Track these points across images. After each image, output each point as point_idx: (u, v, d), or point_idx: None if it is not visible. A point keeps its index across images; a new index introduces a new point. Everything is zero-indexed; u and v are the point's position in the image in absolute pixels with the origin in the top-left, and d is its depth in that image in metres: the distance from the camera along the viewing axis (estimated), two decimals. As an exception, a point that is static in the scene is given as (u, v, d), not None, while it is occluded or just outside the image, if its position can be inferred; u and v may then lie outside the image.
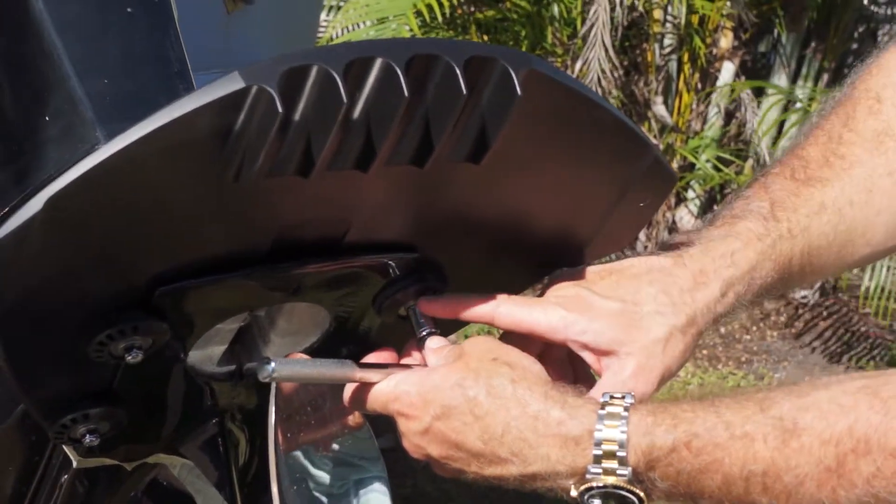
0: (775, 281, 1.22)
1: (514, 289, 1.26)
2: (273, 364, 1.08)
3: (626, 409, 1.05)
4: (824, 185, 1.24)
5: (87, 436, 1.15)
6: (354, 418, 1.22)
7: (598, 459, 1.05)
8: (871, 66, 1.31)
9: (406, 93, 1.02)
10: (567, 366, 1.19)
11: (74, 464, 1.23)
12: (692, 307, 1.17)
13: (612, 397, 1.07)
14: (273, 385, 1.15)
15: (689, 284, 1.17)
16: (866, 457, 0.98)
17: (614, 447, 1.04)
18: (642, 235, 5.04)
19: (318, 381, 1.15)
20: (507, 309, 1.17)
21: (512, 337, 1.18)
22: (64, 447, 1.21)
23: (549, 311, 1.16)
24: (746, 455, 1.02)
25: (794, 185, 1.25)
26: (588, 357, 1.16)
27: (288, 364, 1.11)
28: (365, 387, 1.13)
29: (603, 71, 4.76)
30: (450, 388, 1.09)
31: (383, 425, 1.21)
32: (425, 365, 1.15)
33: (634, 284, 1.17)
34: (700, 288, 1.18)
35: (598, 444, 1.05)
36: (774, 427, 1.01)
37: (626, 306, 1.16)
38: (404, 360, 1.18)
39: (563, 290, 1.18)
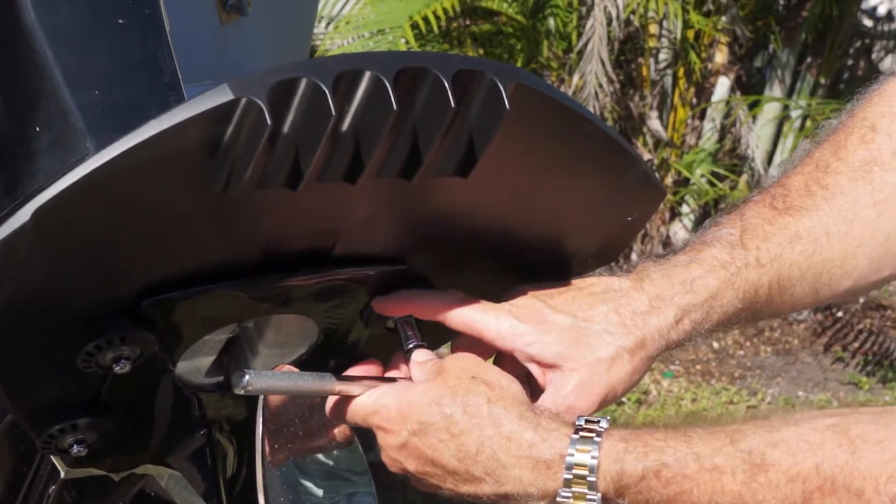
0: (739, 310, 1.20)
1: (502, 301, 1.26)
2: (248, 376, 1.09)
3: (600, 434, 1.06)
4: (802, 215, 1.22)
5: (75, 446, 1.15)
6: (342, 431, 1.22)
7: (568, 483, 1.05)
8: (873, 94, 1.27)
9: (395, 106, 1.02)
10: (526, 383, 1.18)
11: (62, 474, 1.23)
12: (642, 330, 1.16)
13: (587, 421, 1.07)
14: (261, 397, 1.15)
15: (643, 308, 1.17)
16: (832, 496, 0.99)
17: (585, 472, 1.05)
18: (636, 250, 5.05)
19: (295, 393, 1.15)
20: (460, 310, 1.17)
21: (464, 340, 1.18)
22: (52, 457, 1.21)
23: (501, 319, 1.16)
24: (714, 488, 1.02)
25: (770, 214, 1.22)
26: (534, 369, 1.17)
27: (263, 377, 1.11)
28: (346, 399, 1.14)
29: (600, 85, 4.77)
30: (427, 404, 1.09)
31: (373, 439, 1.21)
32: (411, 378, 1.15)
33: (589, 302, 1.17)
34: (654, 312, 1.17)
35: (568, 468, 1.06)
36: (743, 461, 1.02)
37: (576, 322, 1.16)
38: (391, 373, 1.19)
39: (520, 301, 1.18)
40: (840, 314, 5.00)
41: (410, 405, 1.10)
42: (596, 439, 1.05)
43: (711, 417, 4.29)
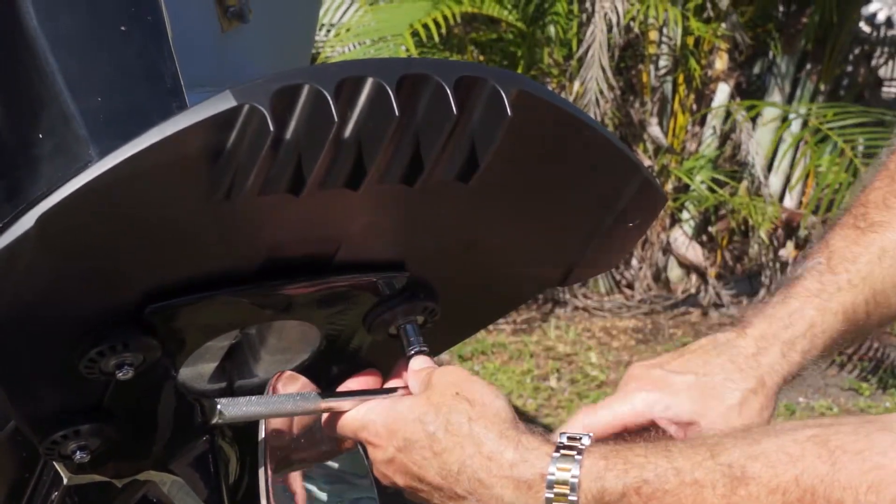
0: (842, 332, 1.26)
1: (504, 307, 1.26)
2: (219, 406, 1.09)
3: (581, 451, 1.06)
4: (885, 229, 1.27)
5: (78, 452, 1.15)
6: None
7: (549, 502, 1.05)
8: None
9: (397, 112, 1.03)
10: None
11: (65, 480, 1.23)
12: (758, 370, 1.22)
13: (569, 438, 1.07)
14: (263, 403, 1.16)
15: (752, 350, 1.23)
16: None
17: (566, 490, 1.05)
18: (636, 256, 5.05)
19: (276, 416, 1.15)
20: (594, 419, 1.21)
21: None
22: (54, 463, 1.21)
23: (631, 399, 1.21)
24: (695, 502, 1.02)
25: (855, 234, 1.28)
26: (675, 431, 1.20)
27: (237, 404, 1.12)
28: (337, 413, 1.14)
29: (601, 91, 4.77)
30: (412, 421, 1.10)
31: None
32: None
33: (703, 358, 1.23)
34: (763, 353, 1.23)
35: (549, 486, 1.06)
36: (723, 475, 1.02)
37: (698, 378, 1.21)
38: (393, 380, 1.19)
39: (636, 373, 1.22)
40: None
41: (396, 421, 1.11)
42: (577, 457, 1.05)
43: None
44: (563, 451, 1.06)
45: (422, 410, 1.11)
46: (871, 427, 1.01)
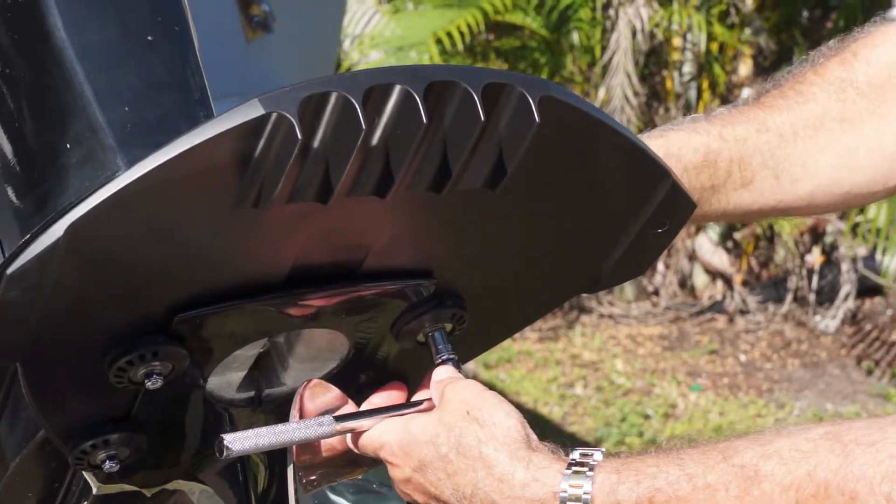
0: (700, 166, 1.26)
1: (532, 314, 1.25)
2: (226, 441, 1.08)
3: (592, 467, 1.05)
4: (772, 111, 1.29)
5: (107, 462, 1.15)
6: None
7: None
8: (862, 33, 1.36)
9: (424, 119, 1.02)
10: None
11: (94, 490, 1.23)
12: None
13: (581, 455, 1.07)
14: (291, 412, 1.15)
15: None
16: (826, 501, 0.98)
17: None
18: (662, 262, 5.04)
19: (286, 445, 1.14)
20: None
21: None
22: (84, 473, 1.21)
23: None
24: None
25: (742, 107, 1.30)
26: None
27: (244, 438, 1.10)
28: (359, 432, 1.14)
29: (626, 98, 4.77)
30: (425, 443, 1.10)
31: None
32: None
33: None
34: None
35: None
36: (736, 475, 1.01)
37: None
38: (424, 389, 1.18)
39: None
40: (868, 327, 4.98)
41: (410, 444, 1.11)
42: (588, 473, 1.05)
43: (740, 430, 4.27)
44: (574, 468, 1.05)
45: (433, 432, 1.10)
46: (885, 421, 1.00)
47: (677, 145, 1.26)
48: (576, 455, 1.07)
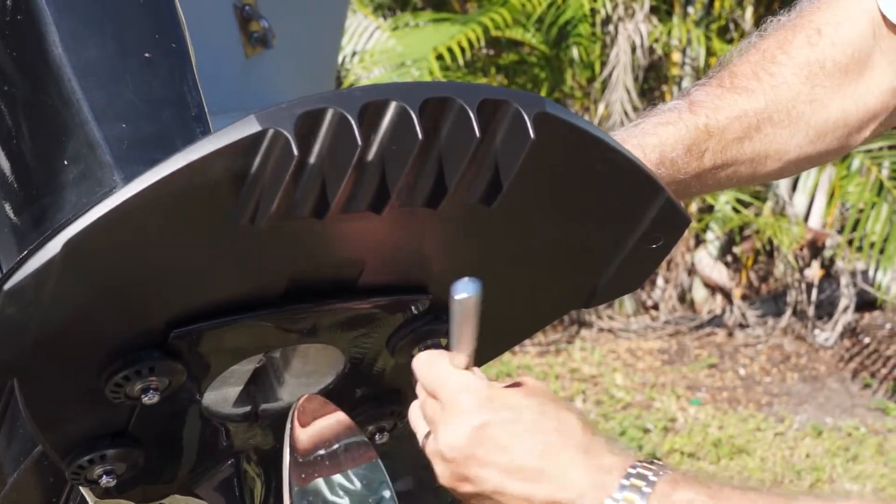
0: (684, 162, 1.32)
1: (528, 329, 1.26)
2: None
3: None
4: (750, 95, 1.34)
5: (104, 476, 1.15)
6: (367, 455, 1.22)
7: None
8: (823, 1, 1.39)
9: (420, 135, 1.03)
10: None
11: (91, 504, 1.23)
12: None
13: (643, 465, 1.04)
14: (287, 426, 1.16)
15: None
16: None
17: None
18: (661, 277, 5.04)
19: None
20: None
21: None
22: (81, 488, 1.21)
23: None
24: None
25: (719, 92, 1.35)
26: None
27: None
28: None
29: (626, 113, 4.77)
30: (539, 395, 1.09)
31: (402, 468, 1.21)
32: None
33: None
34: None
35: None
36: None
37: None
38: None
39: None
40: (867, 340, 4.98)
41: (500, 394, 1.07)
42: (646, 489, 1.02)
43: (739, 444, 4.26)
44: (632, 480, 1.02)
45: (540, 399, 1.07)
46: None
47: (671, 144, 1.32)
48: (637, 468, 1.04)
